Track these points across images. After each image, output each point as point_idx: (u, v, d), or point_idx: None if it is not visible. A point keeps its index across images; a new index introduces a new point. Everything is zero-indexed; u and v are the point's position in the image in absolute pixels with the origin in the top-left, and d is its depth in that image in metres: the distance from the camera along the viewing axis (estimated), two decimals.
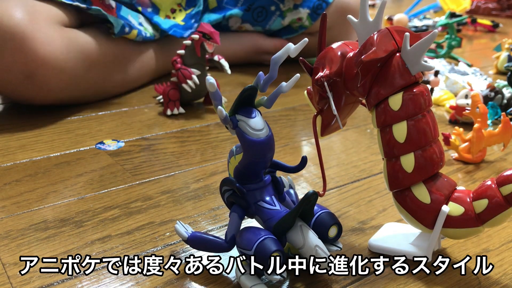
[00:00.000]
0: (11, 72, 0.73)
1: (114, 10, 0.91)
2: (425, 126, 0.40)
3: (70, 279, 0.41)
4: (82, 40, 0.81)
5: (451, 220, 0.41)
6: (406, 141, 0.40)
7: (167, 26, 0.99)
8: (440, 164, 0.41)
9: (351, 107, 0.45)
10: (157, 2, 1.01)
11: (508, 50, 1.18)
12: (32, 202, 0.54)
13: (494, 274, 0.43)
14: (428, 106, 0.41)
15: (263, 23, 1.14)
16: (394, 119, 0.40)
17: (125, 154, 0.67)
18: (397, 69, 0.39)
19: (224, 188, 0.42)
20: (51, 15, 0.78)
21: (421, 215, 0.41)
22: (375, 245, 0.45)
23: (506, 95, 0.85)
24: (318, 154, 0.44)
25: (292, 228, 0.38)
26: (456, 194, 0.41)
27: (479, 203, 0.40)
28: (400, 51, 0.40)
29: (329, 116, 0.44)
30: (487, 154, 0.68)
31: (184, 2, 1.04)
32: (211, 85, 0.35)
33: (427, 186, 0.41)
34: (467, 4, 2.06)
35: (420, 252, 0.43)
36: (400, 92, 0.40)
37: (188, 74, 0.80)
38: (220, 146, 0.70)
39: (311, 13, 1.12)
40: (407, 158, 0.41)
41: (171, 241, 0.47)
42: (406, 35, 0.39)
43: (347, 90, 0.42)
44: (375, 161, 0.66)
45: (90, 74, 0.83)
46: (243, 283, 0.39)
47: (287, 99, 0.93)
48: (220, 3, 1.11)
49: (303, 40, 0.38)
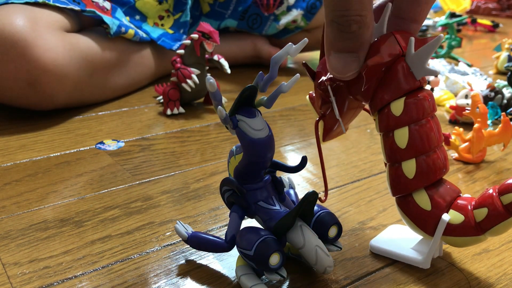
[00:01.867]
0: (14, 80, 0.72)
1: (109, 12, 0.91)
2: (428, 132, 0.39)
3: (70, 279, 0.41)
4: (83, 44, 0.81)
5: (451, 228, 0.40)
6: (407, 147, 0.40)
7: (156, 35, 0.99)
8: (443, 171, 0.41)
9: (354, 112, 0.44)
10: (142, 10, 1.00)
11: (508, 50, 1.18)
12: (32, 202, 0.54)
13: (494, 274, 0.43)
14: (432, 111, 0.40)
15: (259, 29, 1.14)
16: (396, 124, 0.40)
17: (125, 154, 0.67)
18: (401, 73, 0.39)
19: (224, 188, 0.42)
20: (52, 20, 0.78)
21: (422, 222, 0.41)
22: (376, 246, 0.45)
23: (506, 95, 0.85)
24: (320, 160, 0.44)
25: (292, 228, 0.38)
26: (458, 202, 0.41)
27: (480, 211, 0.39)
28: (404, 56, 0.39)
29: (331, 121, 0.43)
30: (487, 154, 0.68)
31: (171, 8, 1.03)
32: (211, 85, 0.35)
33: (428, 193, 0.40)
34: (467, 4, 2.06)
35: (420, 258, 0.42)
36: (402, 97, 0.39)
37: (188, 74, 0.80)
38: (220, 146, 0.70)
39: (306, 14, 1.13)
40: (408, 164, 0.40)
41: (171, 241, 0.47)
42: (411, 39, 0.38)
43: (350, 95, 0.42)
44: (375, 161, 0.66)
45: (92, 79, 0.83)
46: (243, 283, 0.39)
47: (287, 99, 0.93)
48: (213, 6, 1.11)
49: (303, 40, 0.37)
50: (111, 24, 0.85)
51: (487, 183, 0.60)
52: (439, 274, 0.43)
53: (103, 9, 0.90)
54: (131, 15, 0.99)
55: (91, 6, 0.88)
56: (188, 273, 0.42)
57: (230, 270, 0.43)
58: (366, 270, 0.43)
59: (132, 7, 0.99)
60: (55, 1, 0.81)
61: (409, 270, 0.43)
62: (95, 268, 0.42)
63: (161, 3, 1.02)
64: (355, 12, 0.34)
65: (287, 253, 0.43)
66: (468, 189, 0.59)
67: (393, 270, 0.43)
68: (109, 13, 0.91)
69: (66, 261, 0.43)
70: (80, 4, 0.86)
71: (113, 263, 0.43)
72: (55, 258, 0.44)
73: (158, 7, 1.01)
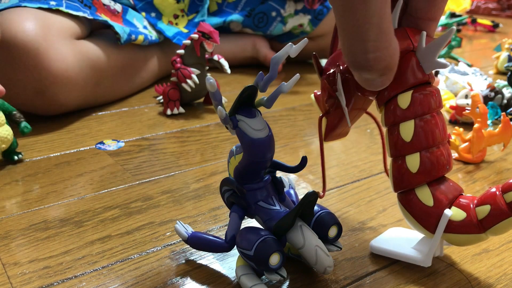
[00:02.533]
0: (22, 87, 0.72)
1: (120, 14, 0.91)
2: (433, 127, 0.40)
3: (70, 279, 0.41)
4: (92, 53, 0.81)
5: (453, 225, 0.40)
6: (412, 141, 0.40)
7: (171, 33, 0.99)
8: (447, 168, 0.41)
9: (357, 113, 0.45)
10: (160, 8, 1.01)
11: (508, 50, 1.18)
12: (32, 202, 0.54)
13: (494, 274, 0.43)
14: (437, 107, 0.40)
15: (264, 29, 1.14)
16: (402, 117, 0.40)
17: (125, 154, 0.67)
18: (410, 67, 0.39)
19: (224, 188, 0.42)
20: (63, 28, 0.78)
21: (423, 218, 0.41)
22: (376, 247, 0.45)
23: (506, 95, 0.85)
24: (321, 155, 0.44)
25: (292, 228, 0.38)
26: (460, 200, 0.41)
27: (482, 209, 0.39)
28: (415, 51, 0.40)
29: (335, 118, 0.43)
30: (487, 154, 0.68)
31: (186, 8, 1.04)
32: (211, 85, 0.35)
33: (431, 189, 0.40)
34: (467, 4, 2.06)
35: (421, 256, 0.42)
36: (410, 90, 0.40)
37: (188, 74, 0.80)
38: (220, 146, 0.70)
39: (313, 19, 1.12)
40: (412, 158, 0.40)
41: (171, 241, 0.47)
42: (423, 33, 0.39)
43: (357, 90, 0.42)
44: (375, 161, 0.66)
45: (99, 86, 0.83)
46: (243, 283, 0.39)
47: (287, 99, 0.93)
48: (221, 6, 1.11)
49: (303, 40, 0.37)
50: (122, 33, 0.85)
51: (487, 183, 0.60)
52: (439, 274, 0.43)
53: (114, 12, 0.90)
54: (147, 11, 1.00)
55: (101, 9, 0.88)
56: (188, 273, 0.42)
57: (230, 270, 0.43)
58: (366, 270, 0.43)
59: (149, 3, 1.00)
60: (68, 8, 0.81)
61: (409, 271, 0.43)
62: (95, 268, 0.42)
63: (179, 2, 1.02)
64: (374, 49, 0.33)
65: (287, 253, 0.43)
66: (468, 189, 0.59)
67: (393, 270, 0.43)
68: (120, 15, 0.91)
69: (66, 261, 0.43)
70: (91, 8, 0.86)
71: (113, 263, 0.43)
72: (55, 258, 0.44)
73: (175, 6, 1.02)
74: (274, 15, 1.12)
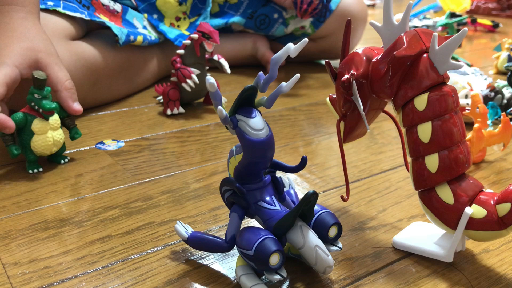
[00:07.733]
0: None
1: (119, 15, 0.91)
2: (451, 126, 0.40)
3: (70, 279, 0.41)
4: (88, 54, 0.81)
5: (474, 222, 0.41)
6: (430, 141, 0.40)
7: (173, 36, 0.99)
8: (466, 166, 0.41)
9: (374, 113, 0.45)
10: (162, 10, 1.01)
11: (508, 50, 1.18)
12: (32, 202, 0.54)
13: (494, 274, 0.43)
14: (455, 106, 0.41)
15: (266, 30, 1.14)
16: (420, 119, 0.41)
17: (125, 154, 0.67)
18: (425, 69, 0.40)
19: (224, 188, 0.42)
20: (58, 29, 0.77)
21: (445, 216, 0.41)
22: (399, 242, 0.46)
23: (506, 95, 0.85)
24: (342, 159, 0.45)
25: (292, 228, 0.38)
26: (480, 197, 0.41)
27: (502, 206, 0.40)
28: (427, 52, 0.40)
29: (352, 121, 0.44)
30: (487, 154, 0.68)
31: (188, 11, 1.04)
32: (211, 85, 0.35)
33: (451, 187, 0.41)
34: (467, 4, 2.06)
35: (443, 252, 0.43)
36: (426, 92, 0.40)
37: (188, 74, 0.80)
38: (220, 146, 0.70)
39: (314, 21, 1.12)
40: (431, 158, 0.41)
41: (171, 241, 0.47)
42: (435, 35, 0.39)
43: (373, 93, 0.42)
44: (375, 161, 0.66)
45: (96, 87, 0.83)
46: (243, 283, 0.39)
47: (287, 99, 0.93)
48: (222, 8, 1.11)
49: (303, 40, 0.38)
50: (120, 34, 0.85)
51: (487, 183, 0.60)
52: (439, 274, 0.43)
53: (113, 12, 0.90)
54: (149, 12, 1.00)
55: (100, 10, 0.87)
56: (188, 273, 0.42)
57: (230, 270, 0.43)
58: (366, 270, 0.43)
59: (152, 4, 1.00)
60: (65, 8, 0.81)
61: (409, 270, 0.43)
62: (95, 268, 0.42)
63: (181, 4, 1.02)
64: None
65: (287, 253, 0.43)
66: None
67: (393, 270, 0.43)
68: (119, 15, 0.91)
69: (66, 261, 0.43)
70: (90, 9, 0.86)
71: (113, 263, 0.43)
72: (55, 258, 0.44)
73: (177, 8, 1.02)
74: (276, 17, 1.12)
